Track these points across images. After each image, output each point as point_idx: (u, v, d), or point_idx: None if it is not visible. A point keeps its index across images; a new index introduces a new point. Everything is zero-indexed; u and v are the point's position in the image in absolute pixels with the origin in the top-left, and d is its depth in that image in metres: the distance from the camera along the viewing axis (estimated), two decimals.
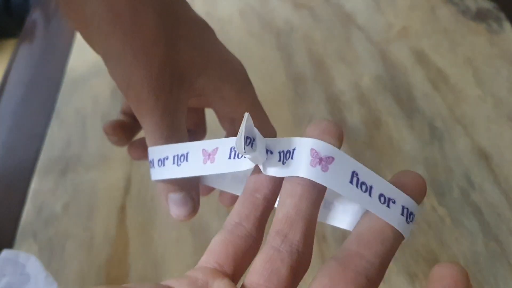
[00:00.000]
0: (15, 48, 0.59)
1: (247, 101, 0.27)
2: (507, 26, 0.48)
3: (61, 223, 0.40)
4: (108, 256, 0.37)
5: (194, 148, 0.21)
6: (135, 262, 0.36)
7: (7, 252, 0.32)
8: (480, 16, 0.50)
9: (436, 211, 0.36)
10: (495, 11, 0.50)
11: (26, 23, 0.63)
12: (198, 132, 0.32)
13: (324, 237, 0.36)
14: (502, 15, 0.49)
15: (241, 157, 0.19)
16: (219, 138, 0.20)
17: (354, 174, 0.17)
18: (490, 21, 0.49)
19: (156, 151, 0.24)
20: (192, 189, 0.25)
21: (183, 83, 0.25)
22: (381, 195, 0.17)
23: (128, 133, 0.30)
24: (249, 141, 0.18)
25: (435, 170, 0.38)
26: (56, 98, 0.51)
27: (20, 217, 0.41)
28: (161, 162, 0.23)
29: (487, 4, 0.51)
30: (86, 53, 0.54)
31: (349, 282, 0.16)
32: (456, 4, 0.52)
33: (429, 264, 0.33)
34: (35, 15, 0.64)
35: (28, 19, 0.63)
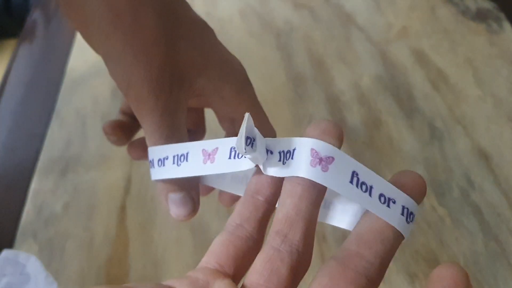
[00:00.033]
0: (15, 48, 0.59)
1: (247, 101, 0.27)
2: (507, 26, 0.48)
3: (61, 223, 0.40)
4: (108, 256, 0.37)
5: (194, 148, 0.21)
6: (135, 262, 0.36)
7: (7, 252, 0.32)
8: (480, 16, 0.50)
9: (436, 211, 0.36)
10: (495, 11, 0.50)
11: (26, 23, 0.63)
12: (198, 132, 0.32)
13: (324, 237, 0.36)
14: (502, 15, 0.49)
15: (241, 157, 0.19)
16: (219, 138, 0.20)
17: (354, 174, 0.17)
18: (490, 21, 0.49)
19: (156, 151, 0.23)
20: (192, 189, 0.25)
21: (183, 83, 0.25)
22: (381, 195, 0.17)
23: (127, 133, 0.30)
24: (250, 141, 0.18)
25: (435, 170, 0.38)
26: (56, 98, 0.51)
27: (20, 217, 0.41)
28: (161, 162, 0.23)
29: (487, 4, 0.51)
30: (86, 53, 0.54)
31: (349, 282, 0.16)
32: (456, 4, 0.52)
33: (429, 264, 0.33)
34: (35, 15, 0.64)
35: (28, 19, 0.63)
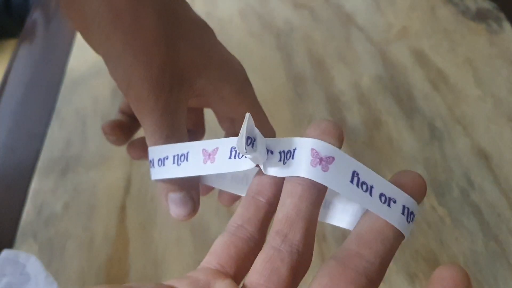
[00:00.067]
0: (15, 48, 0.59)
1: (247, 102, 0.27)
2: (507, 26, 0.48)
3: (61, 223, 0.40)
4: (108, 256, 0.37)
5: (195, 148, 0.21)
6: (135, 262, 0.36)
7: (7, 252, 0.32)
8: (480, 16, 0.50)
9: (436, 211, 0.36)
10: (495, 11, 0.50)
11: (26, 23, 0.63)
12: (197, 132, 0.32)
13: (324, 237, 0.36)
14: (502, 15, 0.49)
15: (242, 157, 0.19)
16: (220, 138, 0.20)
17: (355, 174, 0.17)
18: (490, 21, 0.49)
19: (156, 151, 0.24)
20: (192, 189, 0.25)
21: (183, 84, 0.25)
22: (382, 195, 0.17)
23: (127, 133, 0.30)
24: (250, 141, 0.18)
25: (435, 170, 0.38)
26: (56, 98, 0.51)
27: (20, 217, 0.41)
28: (161, 162, 0.23)
29: (487, 4, 0.51)
30: (86, 53, 0.54)
31: (349, 282, 0.16)
32: (456, 4, 0.52)
33: (429, 264, 0.33)
34: (35, 15, 0.64)
35: (28, 19, 0.63)
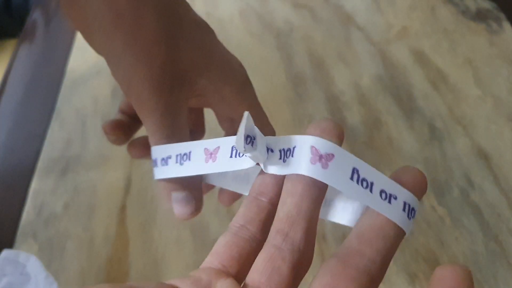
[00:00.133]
0: (15, 48, 0.59)
1: (247, 102, 0.27)
2: (507, 26, 0.48)
3: (61, 223, 0.40)
4: (108, 256, 0.37)
5: (197, 147, 0.21)
6: (135, 262, 0.36)
7: (7, 252, 0.32)
8: (480, 16, 0.50)
9: (436, 211, 0.36)
10: (495, 11, 0.50)
11: (26, 23, 0.63)
12: (197, 132, 0.32)
13: (324, 237, 0.36)
14: (502, 15, 0.49)
15: (242, 156, 0.19)
16: (221, 137, 0.21)
17: (355, 171, 0.17)
18: (490, 21, 0.49)
19: (159, 150, 0.24)
20: (195, 188, 0.25)
21: (184, 84, 0.25)
22: (382, 191, 0.17)
23: (127, 132, 0.30)
24: (250, 140, 0.18)
25: (435, 170, 0.38)
26: (56, 98, 0.51)
27: (20, 217, 0.41)
28: (164, 161, 0.23)
29: (487, 4, 0.51)
30: (86, 53, 0.54)
31: (351, 280, 0.16)
32: (456, 4, 0.52)
33: (429, 264, 0.33)
34: (35, 15, 0.64)
35: (28, 19, 0.63)
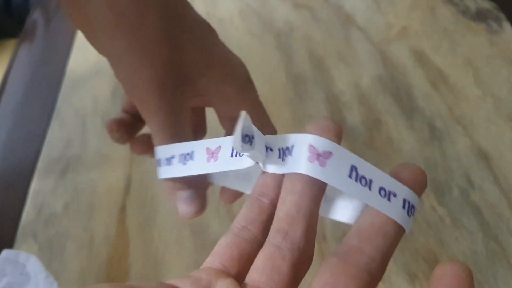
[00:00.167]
0: (15, 48, 0.59)
1: (248, 101, 0.27)
2: (507, 26, 0.48)
3: (61, 223, 0.40)
4: (108, 256, 0.37)
5: (199, 147, 0.21)
6: (135, 262, 0.36)
7: (7, 252, 0.32)
8: (480, 16, 0.50)
9: (436, 211, 0.36)
10: (495, 11, 0.50)
11: (26, 23, 0.63)
12: (199, 131, 0.32)
13: (324, 237, 0.36)
14: (502, 15, 0.49)
15: (243, 155, 0.19)
16: (223, 137, 0.21)
17: (353, 168, 0.17)
18: (490, 21, 0.49)
19: (163, 150, 0.24)
20: (200, 187, 0.25)
21: (186, 83, 0.25)
22: (382, 189, 0.17)
23: (130, 131, 0.30)
24: (248, 139, 0.18)
25: (435, 170, 0.38)
26: (56, 98, 0.51)
27: (20, 217, 0.41)
28: (168, 161, 0.23)
29: (487, 4, 0.51)
30: (86, 53, 0.54)
31: (351, 278, 0.16)
32: (456, 4, 0.52)
33: (429, 264, 0.33)
34: (35, 15, 0.64)
35: (28, 19, 0.63)
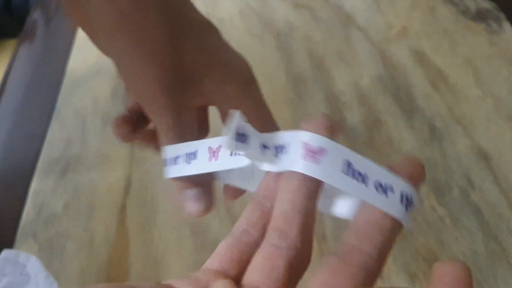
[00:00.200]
0: (15, 48, 0.59)
1: (251, 100, 0.27)
2: (507, 26, 0.48)
3: (61, 223, 0.40)
4: (108, 256, 0.37)
5: (202, 146, 0.22)
6: (135, 262, 0.36)
7: (7, 252, 0.32)
8: (480, 16, 0.50)
9: (436, 211, 0.36)
10: (495, 11, 0.50)
11: (26, 23, 0.63)
12: (202, 131, 0.32)
13: (324, 237, 0.36)
14: (502, 15, 0.49)
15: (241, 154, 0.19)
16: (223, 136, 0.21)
17: (348, 164, 0.17)
18: (490, 21, 0.49)
19: (170, 150, 0.24)
20: (206, 185, 0.25)
21: (190, 83, 0.25)
22: (378, 184, 0.17)
23: (134, 128, 0.30)
24: (242, 138, 0.18)
25: (435, 170, 0.38)
26: (56, 98, 0.51)
27: (20, 217, 0.41)
28: (174, 161, 0.24)
29: (487, 4, 0.51)
30: (86, 53, 0.54)
31: (350, 277, 0.16)
32: (456, 4, 0.52)
33: (429, 264, 0.33)
34: (35, 15, 0.64)
35: (28, 19, 0.63)
